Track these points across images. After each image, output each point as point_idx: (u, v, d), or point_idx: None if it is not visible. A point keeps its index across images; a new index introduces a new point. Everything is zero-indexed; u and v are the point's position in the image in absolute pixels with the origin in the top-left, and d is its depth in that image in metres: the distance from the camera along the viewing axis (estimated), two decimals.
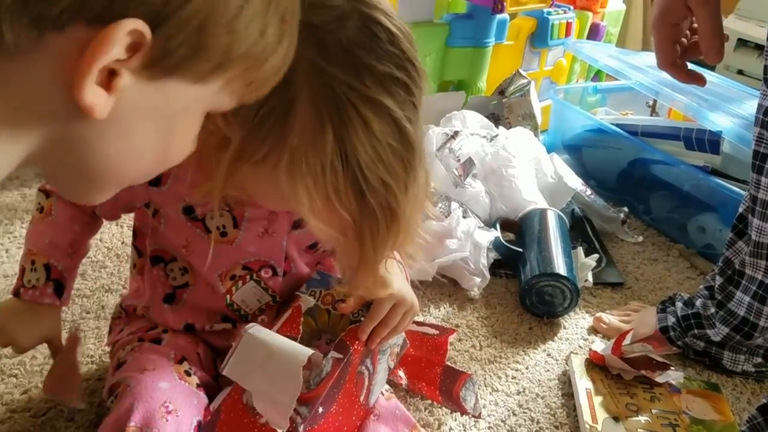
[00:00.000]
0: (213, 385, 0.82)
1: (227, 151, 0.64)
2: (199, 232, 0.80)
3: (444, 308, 1.21)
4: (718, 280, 1.05)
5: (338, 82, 0.59)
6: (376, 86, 0.60)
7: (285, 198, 0.68)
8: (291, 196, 0.64)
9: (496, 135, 1.47)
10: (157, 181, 0.77)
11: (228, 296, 0.84)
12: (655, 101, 1.87)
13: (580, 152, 1.75)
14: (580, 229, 1.47)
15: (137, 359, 0.77)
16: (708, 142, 1.47)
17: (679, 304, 1.12)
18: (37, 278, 0.80)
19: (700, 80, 0.89)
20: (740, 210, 1.02)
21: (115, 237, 1.29)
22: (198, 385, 0.76)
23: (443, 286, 1.26)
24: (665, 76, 0.91)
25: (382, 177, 0.62)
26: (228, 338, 0.86)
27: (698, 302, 1.09)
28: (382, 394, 0.87)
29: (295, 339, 0.78)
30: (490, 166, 1.41)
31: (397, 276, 0.83)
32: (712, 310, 1.06)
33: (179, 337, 0.83)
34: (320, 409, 0.72)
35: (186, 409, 0.71)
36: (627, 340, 1.07)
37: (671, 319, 1.11)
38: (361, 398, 0.80)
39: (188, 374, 0.76)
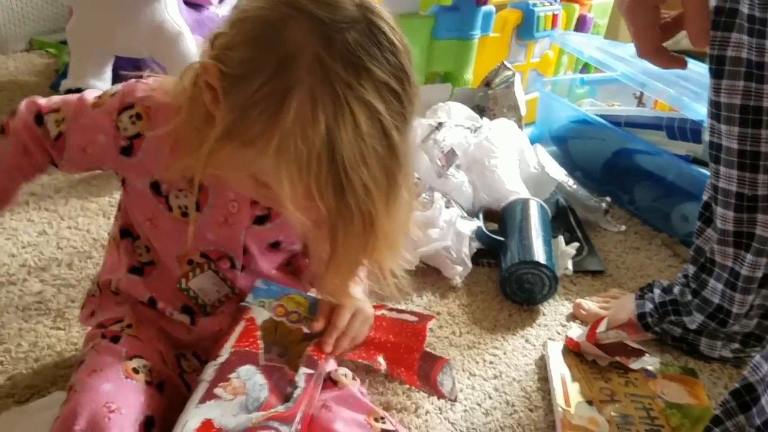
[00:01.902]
0: (179, 382, 0.83)
1: (213, 128, 0.66)
2: (162, 209, 0.81)
3: (426, 296, 1.23)
4: (691, 269, 1.06)
5: (338, 79, 0.62)
6: (372, 90, 0.63)
7: (260, 187, 0.70)
8: (273, 181, 0.66)
9: (480, 126, 1.49)
10: (128, 151, 0.79)
11: (183, 280, 0.85)
12: (641, 92, 1.88)
13: (566, 144, 1.76)
14: (564, 219, 1.49)
15: (89, 361, 0.78)
16: (690, 131, 1.48)
17: (657, 291, 1.13)
18: None
19: (681, 63, 0.88)
20: (704, 198, 1.04)
21: (101, 228, 1.31)
22: (148, 382, 0.77)
23: (426, 274, 1.28)
24: (651, 67, 0.89)
25: (363, 179, 0.64)
26: (188, 332, 0.87)
27: (676, 289, 1.10)
28: (335, 383, 0.87)
29: (255, 354, 0.77)
30: (474, 157, 1.43)
31: (356, 286, 0.86)
32: (689, 297, 1.08)
33: (141, 331, 0.84)
34: (299, 427, 0.72)
35: (130, 407, 0.71)
36: (601, 327, 1.08)
37: (649, 306, 1.12)
38: (311, 408, 0.81)
39: (136, 371, 0.77)
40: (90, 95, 0.82)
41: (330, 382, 0.87)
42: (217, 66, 0.67)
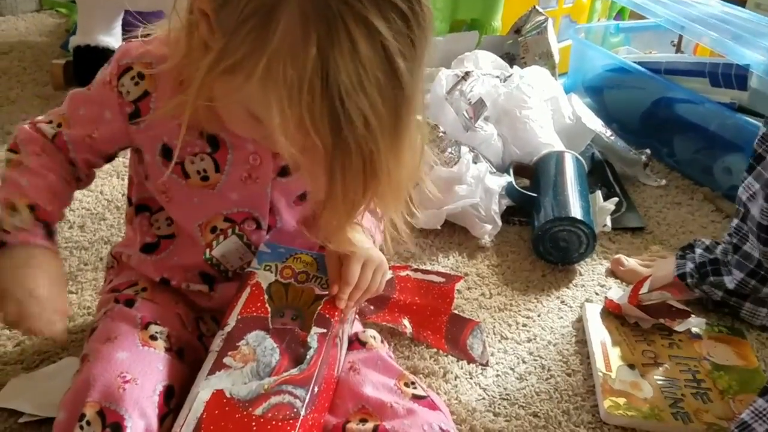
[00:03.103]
0: (198, 346, 0.78)
1: (206, 57, 0.61)
2: (176, 179, 0.75)
3: (453, 257, 1.17)
4: (734, 222, 0.98)
5: None
6: (372, 6, 0.55)
7: (256, 123, 0.63)
8: (263, 111, 0.60)
9: (510, 75, 1.40)
10: (136, 115, 0.73)
11: (208, 250, 0.80)
12: (680, 39, 1.77)
13: (601, 94, 1.67)
14: (600, 174, 1.41)
15: (102, 328, 0.74)
16: (735, 77, 1.39)
17: (698, 251, 1.06)
18: (21, 220, 0.73)
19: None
20: (759, 150, 0.95)
21: (115, 189, 1.26)
22: (167, 349, 0.72)
23: (452, 234, 1.22)
24: (691, 10, 0.81)
25: (363, 111, 0.57)
26: (208, 299, 0.82)
27: (719, 248, 1.03)
28: (363, 344, 0.82)
29: (264, 319, 0.73)
30: (503, 108, 1.34)
31: (358, 233, 0.79)
32: (731, 256, 1.01)
33: (156, 295, 0.79)
34: (316, 389, 0.68)
35: (147, 376, 0.67)
36: (644, 288, 1.02)
37: (689, 266, 1.05)
38: (335, 371, 0.76)
39: (154, 338, 0.72)
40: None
41: (357, 343, 0.82)
42: None
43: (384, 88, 0.58)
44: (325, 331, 0.72)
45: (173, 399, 0.69)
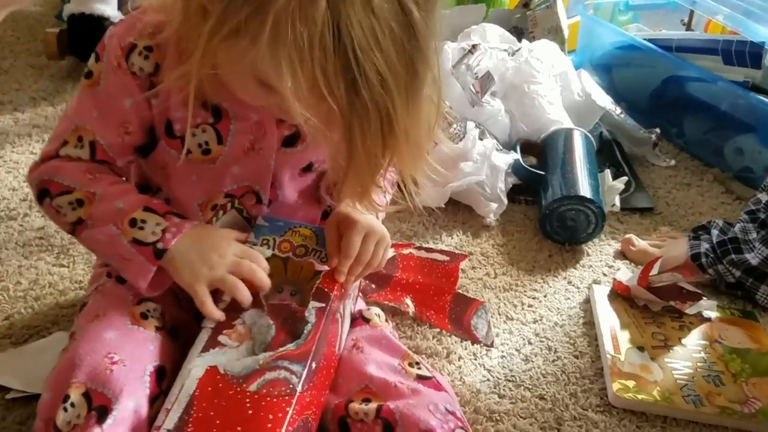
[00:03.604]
0: (194, 325, 0.74)
1: (206, 23, 0.57)
2: (175, 154, 0.71)
3: (457, 236, 1.13)
4: (764, 198, 0.95)
5: None
6: None
7: (266, 92, 0.60)
8: (273, 75, 0.56)
9: (519, 49, 1.36)
10: (152, 88, 0.69)
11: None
12: (691, 16, 1.72)
13: (610, 72, 1.62)
14: (608, 153, 1.37)
15: (92, 305, 0.71)
16: (749, 54, 1.35)
17: (714, 231, 1.03)
18: (156, 223, 0.68)
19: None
20: None
21: None
22: (159, 328, 0.69)
23: (456, 212, 1.18)
24: None
25: (378, 67, 0.54)
26: None
27: (737, 226, 1.01)
28: (367, 321, 0.79)
29: (258, 296, 0.70)
30: (511, 82, 1.30)
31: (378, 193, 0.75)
32: (753, 234, 0.98)
33: None
34: (313, 365, 0.65)
35: (136, 357, 0.64)
36: (654, 270, 0.99)
37: (704, 246, 1.02)
38: (336, 348, 0.73)
39: (144, 317, 0.69)
40: (81, 89, 0.71)
41: (361, 320, 0.80)
42: None
43: (399, 41, 0.55)
44: (323, 305, 0.69)
45: (165, 380, 0.66)
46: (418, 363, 0.74)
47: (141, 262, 0.67)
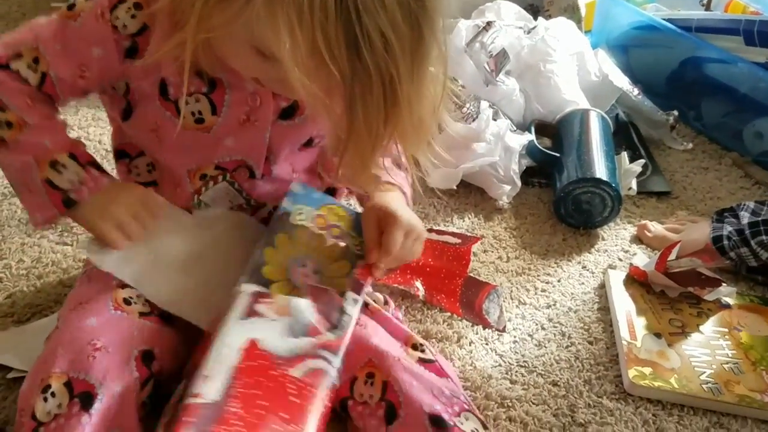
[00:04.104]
0: None
1: None
2: (169, 116, 0.69)
3: (469, 218, 1.11)
4: None
5: None
6: None
7: (264, 60, 0.58)
8: (270, 38, 0.54)
9: (534, 27, 1.32)
10: (134, 52, 0.66)
11: (196, 196, 0.75)
12: None
13: (626, 53, 1.58)
14: (625, 135, 1.34)
15: (76, 292, 0.70)
16: None
17: (745, 213, 1.00)
18: (75, 172, 0.68)
19: None
20: None
21: None
22: (145, 314, 0.67)
23: (469, 194, 1.16)
24: None
25: (382, 28, 0.52)
26: None
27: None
28: (366, 306, 0.76)
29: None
30: (527, 62, 1.27)
31: (398, 200, 0.74)
32: None
33: None
34: (343, 357, 0.65)
35: (119, 343, 0.62)
36: (673, 255, 0.96)
37: (728, 228, 0.99)
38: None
39: (128, 302, 0.67)
40: (57, 15, 0.67)
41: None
42: None
43: (404, 1, 0.52)
44: (358, 297, 0.69)
45: (155, 362, 0.64)
46: (421, 345, 0.72)
47: (45, 202, 0.68)
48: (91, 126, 1.23)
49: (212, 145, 0.72)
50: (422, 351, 0.71)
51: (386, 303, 0.80)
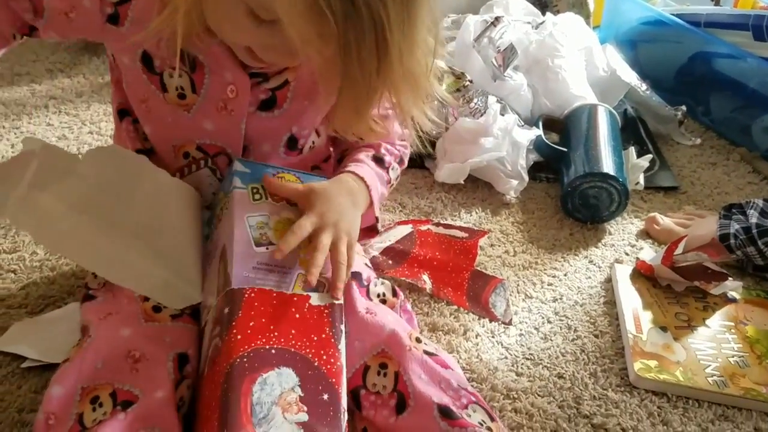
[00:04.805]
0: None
1: None
2: (155, 90, 0.71)
3: (476, 213, 1.11)
4: None
5: None
6: None
7: (260, 25, 0.59)
8: None
9: (543, 22, 1.32)
10: (115, 19, 0.68)
11: (178, 174, 0.76)
12: None
13: (635, 48, 1.58)
14: (633, 131, 1.34)
15: (103, 303, 0.70)
16: None
17: (753, 212, 1.00)
18: None
19: None
20: None
21: None
22: (175, 317, 0.68)
23: (476, 189, 1.16)
24: None
25: None
26: None
27: None
28: (369, 299, 0.76)
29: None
30: (534, 57, 1.27)
31: (338, 188, 0.75)
32: None
33: None
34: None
35: (155, 351, 0.63)
36: (679, 249, 0.96)
37: (735, 226, 0.99)
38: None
39: (157, 310, 0.68)
40: None
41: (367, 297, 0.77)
42: None
43: None
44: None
45: (187, 365, 0.65)
46: (422, 340, 0.72)
47: None
48: (102, 121, 1.24)
49: (193, 124, 0.74)
50: (426, 345, 0.72)
51: (395, 295, 0.80)
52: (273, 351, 0.60)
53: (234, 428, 0.54)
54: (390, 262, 0.95)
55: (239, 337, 0.59)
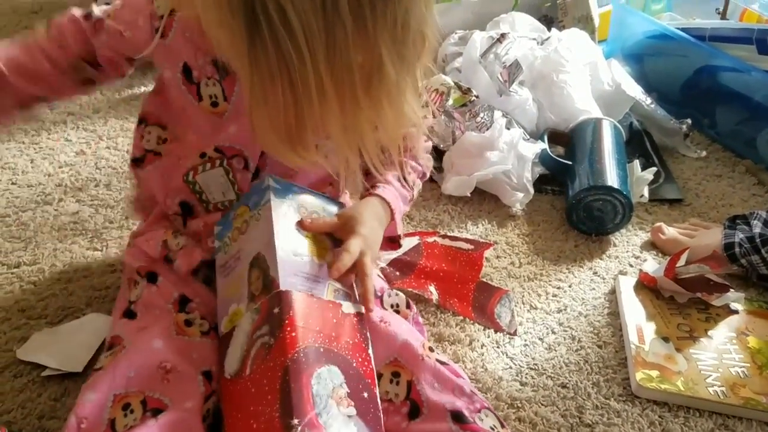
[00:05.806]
0: None
1: None
2: (191, 99, 0.76)
3: (482, 225, 1.13)
4: None
5: None
6: None
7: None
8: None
9: (548, 37, 1.35)
10: (162, 32, 0.73)
11: (191, 173, 0.79)
12: (726, 5, 1.69)
13: (641, 62, 1.60)
14: (638, 143, 1.36)
15: (139, 320, 0.73)
16: None
17: (757, 223, 1.01)
18: None
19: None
20: None
21: None
22: (204, 333, 0.71)
23: (482, 202, 1.18)
24: None
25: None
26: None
27: None
28: (384, 308, 0.80)
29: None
30: (540, 71, 1.30)
31: (371, 211, 0.78)
32: None
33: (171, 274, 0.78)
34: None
35: (186, 364, 0.66)
36: (682, 261, 0.98)
37: (739, 236, 1.00)
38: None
39: (189, 324, 0.71)
40: None
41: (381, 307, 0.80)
42: None
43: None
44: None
45: (213, 381, 0.68)
46: (434, 349, 0.74)
47: None
48: (119, 136, 1.28)
49: (220, 128, 0.77)
50: (437, 354, 0.74)
51: (408, 306, 0.82)
52: (321, 350, 0.63)
53: (301, 414, 0.57)
54: (397, 273, 0.97)
55: (294, 334, 0.62)
